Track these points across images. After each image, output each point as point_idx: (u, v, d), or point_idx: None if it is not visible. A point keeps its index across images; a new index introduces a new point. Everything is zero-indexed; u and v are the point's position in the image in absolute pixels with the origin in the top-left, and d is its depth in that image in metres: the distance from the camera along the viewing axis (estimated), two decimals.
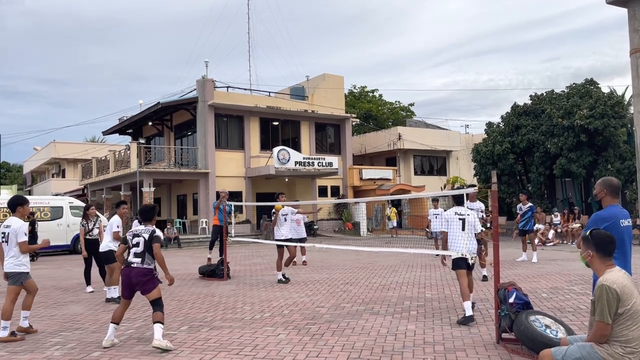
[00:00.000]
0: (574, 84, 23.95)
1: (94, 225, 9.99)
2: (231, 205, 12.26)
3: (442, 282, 9.90)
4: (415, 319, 6.77)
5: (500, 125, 25.47)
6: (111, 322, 5.88)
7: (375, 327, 6.40)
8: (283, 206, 10.70)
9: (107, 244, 8.92)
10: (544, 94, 24.82)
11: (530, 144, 23.44)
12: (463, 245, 6.67)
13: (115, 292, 8.65)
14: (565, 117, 21.90)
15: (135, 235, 5.92)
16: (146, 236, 5.85)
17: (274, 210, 10.74)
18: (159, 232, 5.92)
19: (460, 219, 6.99)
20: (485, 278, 9.91)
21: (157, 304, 5.76)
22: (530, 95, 25.25)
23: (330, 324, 6.59)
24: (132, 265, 5.80)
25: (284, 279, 10.46)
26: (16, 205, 6.54)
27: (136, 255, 5.82)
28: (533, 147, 23.50)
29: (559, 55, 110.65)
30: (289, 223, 10.69)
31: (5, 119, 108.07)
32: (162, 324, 5.66)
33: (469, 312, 6.51)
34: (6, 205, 6.83)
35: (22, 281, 6.48)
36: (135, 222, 10.74)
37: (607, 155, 21.69)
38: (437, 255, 14.06)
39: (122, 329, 6.67)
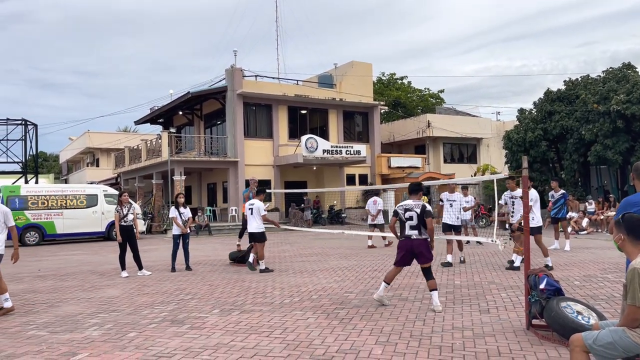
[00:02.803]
0: (610, 68, 23.22)
1: (128, 211, 10.26)
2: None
3: (471, 270, 9.84)
4: (444, 305, 6.75)
5: (533, 111, 24.91)
6: (384, 282, 6.79)
7: (403, 312, 6.42)
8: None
9: (258, 224, 10.34)
10: (579, 79, 24.14)
11: (564, 130, 22.87)
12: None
13: (263, 264, 10.32)
14: (600, 103, 21.27)
15: (406, 210, 6.59)
16: (418, 211, 6.51)
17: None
18: (429, 207, 6.59)
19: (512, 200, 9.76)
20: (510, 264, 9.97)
21: (429, 273, 6.54)
22: (565, 81, 24.59)
23: (358, 309, 6.65)
24: (411, 237, 6.54)
25: (449, 263, 10.45)
26: None
27: (412, 227, 6.54)
28: (567, 133, 22.93)
29: (596, 39, 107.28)
30: (454, 209, 10.91)
31: (41, 110, 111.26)
32: (436, 290, 6.54)
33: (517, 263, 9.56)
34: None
35: None
36: (172, 208, 11.04)
37: None
38: (468, 242, 13.97)
39: (156, 311, 6.88)
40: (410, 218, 6.55)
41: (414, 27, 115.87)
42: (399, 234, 6.77)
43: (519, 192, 9.62)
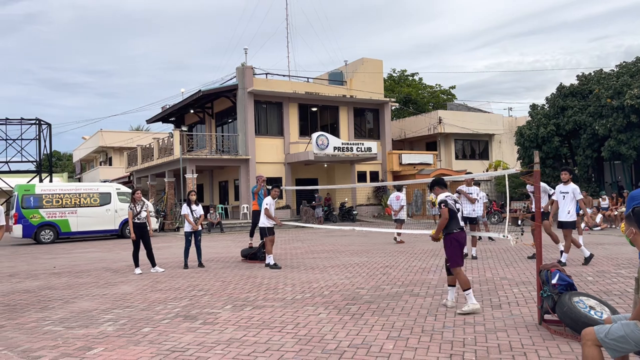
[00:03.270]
0: (624, 62, 22.96)
1: (141, 208, 10.36)
2: (269, 189, 12.51)
3: (483, 266, 9.81)
4: (456, 300, 6.74)
5: (545, 107, 24.71)
6: (465, 290, 6.14)
7: (415, 307, 6.43)
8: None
9: (262, 219, 10.53)
10: (592, 74, 23.89)
11: (577, 125, 22.66)
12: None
13: (271, 259, 10.48)
14: (614, 97, 21.04)
15: (455, 202, 6.38)
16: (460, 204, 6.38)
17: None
18: None
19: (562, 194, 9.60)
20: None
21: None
22: (577, 75, 24.34)
23: (370, 305, 6.67)
24: (464, 228, 6.39)
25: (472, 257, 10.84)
26: None
27: (461, 219, 6.37)
28: (580, 129, 22.72)
29: (609, 33, 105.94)
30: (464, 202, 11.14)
31: (55, 110, 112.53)
32: (455, 286, 6.46)
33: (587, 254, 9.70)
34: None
35: None
36: (184, 205, 11.13)
37: None
38: (480, 238, 13.94)
39: (169, 307, 6.95)
40: (459, 210, 6.37)
41: (425, 24, 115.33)
42: (447, 228, 6.20)
43: (567, 187, 9.53)
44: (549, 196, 10.57)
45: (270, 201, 10.68)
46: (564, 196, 9.57)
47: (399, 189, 15.82)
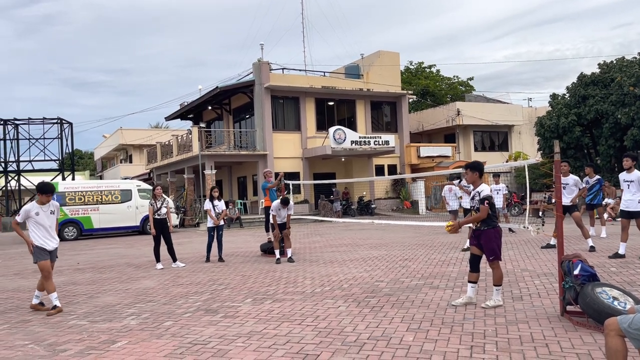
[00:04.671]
0: None
1: (162, 204, 10.49)
2: (286, 185, 12.58)
3: (503, 257, 9.68)
4: (476, 292, 6.69)
5: (566, 96, 24.28)
6: (497, 286, 5.98)
7: (435, 300, 6.41)
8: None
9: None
10: (614, 62, 23.39)
11: (599, 115, 22.23)
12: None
13: (289, 252, 10.69)
14: (637, 85, 20.59)
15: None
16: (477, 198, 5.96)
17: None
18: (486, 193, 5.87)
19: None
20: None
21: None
22: (599, 64, 23.85)
23: (389, 297, 6.66)
24: None
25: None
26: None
27: None
28: (602, 118, 22.28)
29: (632, 20, 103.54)
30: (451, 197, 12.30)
31: (75, 109, 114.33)
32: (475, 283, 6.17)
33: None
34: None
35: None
36: (207, 201, 11.26)
37: None
38: None
39: (190, 301, 7.04)
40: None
41: (442, 15, 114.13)
42: (491, 222, 5.90)
43: (631, 174, 8.91)
44: (579, 189, 10.50)
45: (277, 205, 10.48)
46: (628, 185, 8.91)
47: (454, 178, 15.63)
